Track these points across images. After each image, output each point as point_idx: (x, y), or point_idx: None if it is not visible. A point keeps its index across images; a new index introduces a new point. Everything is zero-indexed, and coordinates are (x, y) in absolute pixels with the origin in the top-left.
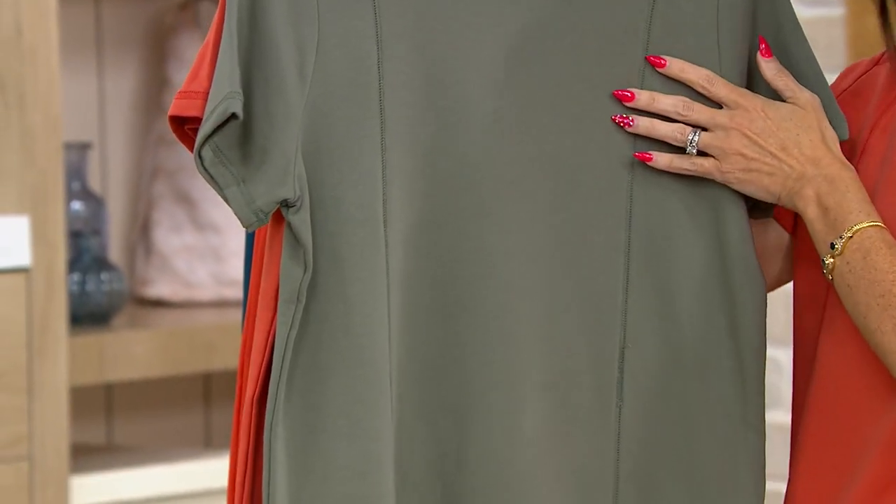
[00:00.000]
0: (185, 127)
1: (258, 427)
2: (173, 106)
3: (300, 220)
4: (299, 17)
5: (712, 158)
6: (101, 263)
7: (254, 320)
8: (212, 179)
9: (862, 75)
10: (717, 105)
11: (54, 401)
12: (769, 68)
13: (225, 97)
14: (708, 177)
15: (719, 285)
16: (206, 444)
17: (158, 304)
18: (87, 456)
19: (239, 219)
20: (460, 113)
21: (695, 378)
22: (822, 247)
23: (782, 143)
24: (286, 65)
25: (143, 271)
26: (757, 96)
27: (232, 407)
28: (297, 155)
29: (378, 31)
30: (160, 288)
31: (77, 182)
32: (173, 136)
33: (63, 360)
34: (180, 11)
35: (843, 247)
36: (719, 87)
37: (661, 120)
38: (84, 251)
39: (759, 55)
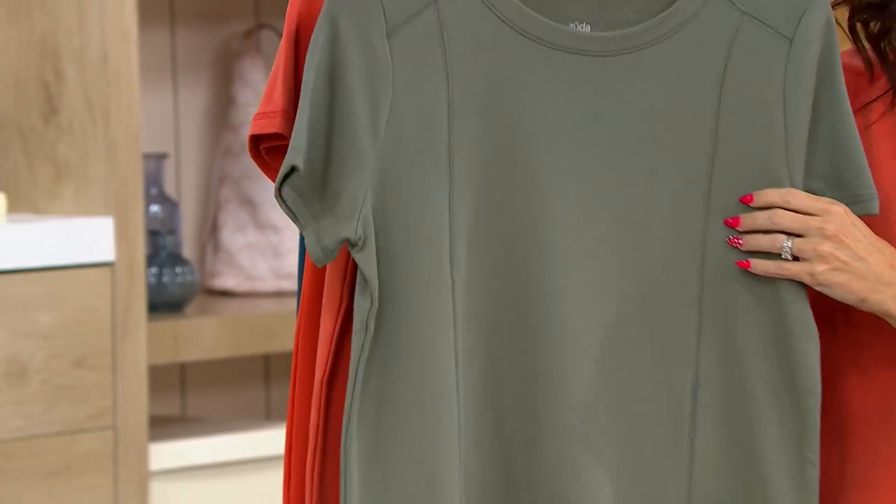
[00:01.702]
0: (259, 146)
1: (328, 405)
2: (252, 126)
3: (363, 258)
4: (375, 75)
5: (803, 262)
6: (176, 259)
7: (307, 310)
8: (292, 215)
9: None
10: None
11: (135, 378)
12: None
13: (291, 150)
14: (798, 279)
15: (780, 334)
16: (266, 417)
17: (225, 294)
18: (163, 426)
19: (309, 254)
20: (529, 169)
21: (759, 414)
22: None
23: (868, 248)
24: (360, 118)
25: (211, 266)
26: (837, 202)
27: (288, 384)
28: (366, 200)
29: (449, 93)
30: (226, 280)
31: (155, 188)
32: (239, 147)
33: (142, 342)
34: (244, 39)
35: None
36: (801, 199)
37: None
38: (161, 248)
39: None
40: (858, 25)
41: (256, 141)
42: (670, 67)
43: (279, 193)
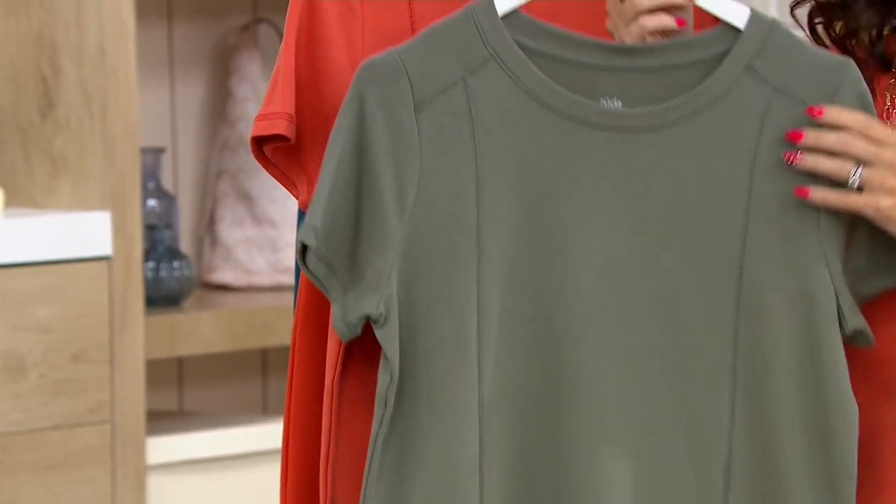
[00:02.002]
0: (262, 146)
1: (339, 405)
2: (254, 128)
3: (384, 334)
4: (402, 151)
5: (867, 195)
6: (173, 253)
7: (305, 304)
8: (322, 286)
9: None
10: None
11: (132, 372)
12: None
13: (304, 226)
14: (858, 211)
15: (815, 413)
16: (263, 411)
17: (222, 288)
18: (160, 420)
19: (333, 328)
20: (558, 245)
21: (793, 494)
22: None
23: None
24: (386, 195)
25: (209, 260)
26: None
27: (285, 378)
28: (391, 277)
29: (477, 169)
30: (224, 274)
31: (152, 182)
32: (236, 141)
33: (140, 336)
34: (242, 33)
35: None
36: (877, 129)
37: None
38: (158, 242)
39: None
40: (820, 27)
41: (259, 142)
42: (702, 143)
43: (303, 264)
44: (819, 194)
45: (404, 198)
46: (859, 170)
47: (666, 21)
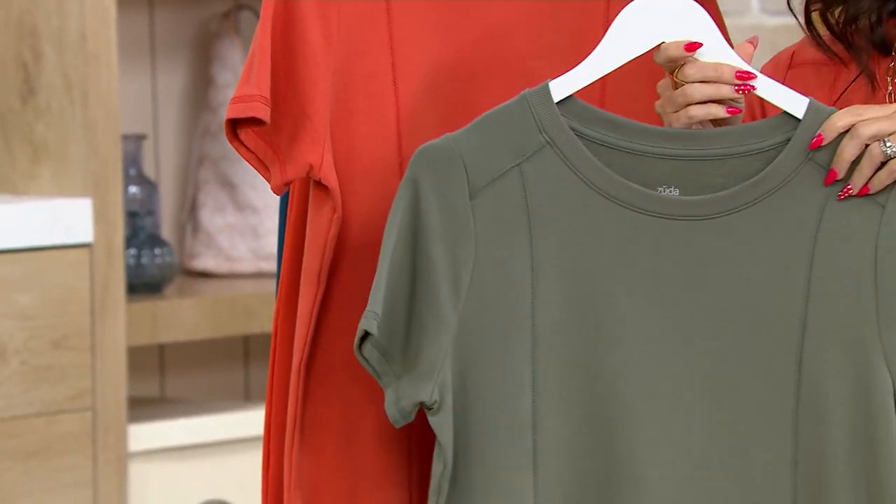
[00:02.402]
0: (237, 129)
1: (305, 390)
2: (229, 110)
3: (438, 421)
4: (457, 238)
5: None
6: (155, 240)
7: (286, 291)
8: (375, 373)
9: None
10: None
11: (114, 359)
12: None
13: (365, 315)
14: None
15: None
16: (245, 398)
17: (204, 275)
18: (142, 407)
19: (388, 416)
20: (614, 333)
21: None
22: None
23: None
24: (441, 282)
25: (190, 247)
26: None
27: (267, 365)
28: (445, 363)
29: (532, 256)
30: (206, 261)
31: (133, 169)
32: (217, 127)
33: (121, 323)
34: (223, 20)
35: None
36: (869, 109)
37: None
38: (139, 229)
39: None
40: (815, 14)
41: (233, 125)
42: (761, 232)
43: (360, 353)
44: (859, 179)
45: (459, 285)
46: (888, 143)
47: (715, 111)
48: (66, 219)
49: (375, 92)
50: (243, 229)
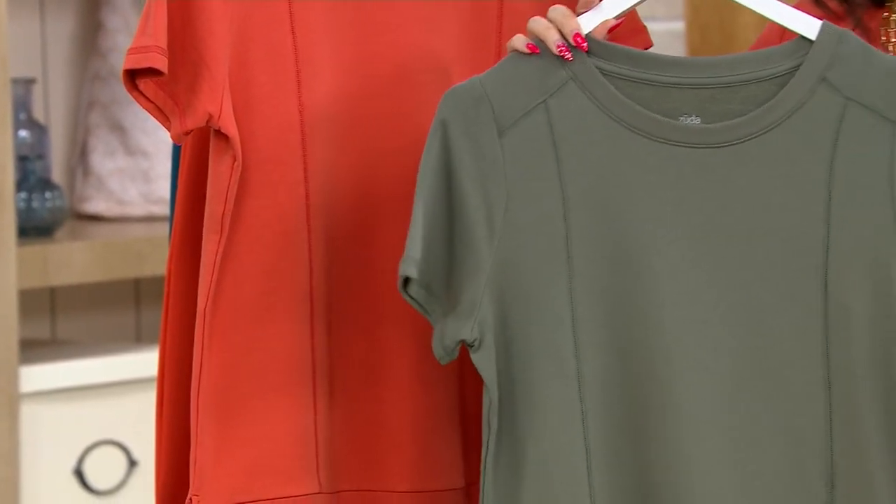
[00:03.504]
0: (135, 79)
1: (210, 333)
2: (126, 61)
3: (479, 358)
4: (487, 178)
5: None
6: (45, 184)
7: (181, 235)
8: (424, 311)
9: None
10: None
11: (5, 302)
12: None
13: (405, 259)
14: None
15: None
16: (136, 340)
17: (95, 218)
18: (33, 349)
19: (434, 353)
20: (645, 260)
21: (889, 500)
22: None
23: None
24: (475, 221)
25: (81, 190)
26: None
27: (159, 307)
28: (484, 300)
29: (563, 190)
30: (96, 205)
31: (23, 113)
32: (107, 72)
33: (12, 267)
34: None
35: None
36: None
37: None
38: (30, 173)
39: None
40: None
41: (132, 75)
42: (779, 156)
43: (406, 292)
44: None
45: (493, 222)
46: None
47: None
48: None
49: (273, 41)
50: (134, 173)
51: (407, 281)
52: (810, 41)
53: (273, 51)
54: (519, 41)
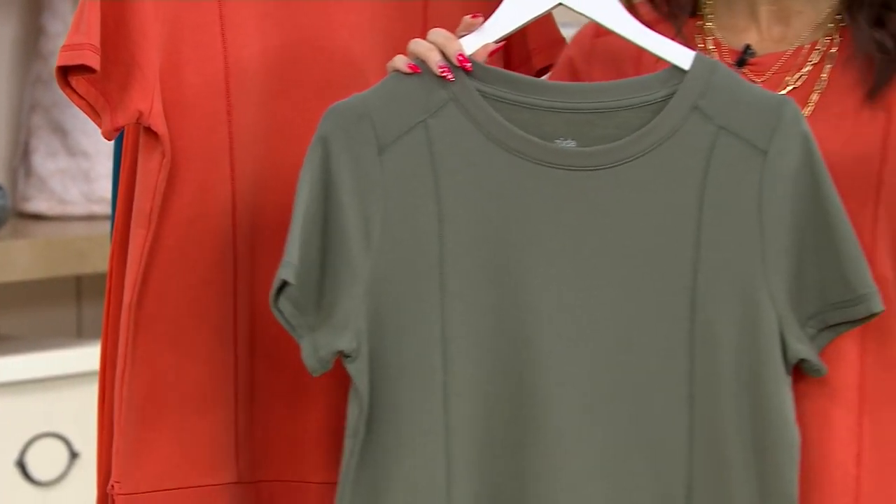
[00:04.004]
0: (68, 77)
1: (136, 325)
2: (60, 57)
3: (355, 369)
4: (367, 192)
5: None
6: None
7: (121, 233)
8: (289, 326)
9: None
10: None
11: None
12: None
13: (283, 265)
14: None
15: (760, 441)
16: (77, 335)
17: (37, 217)
18: None
19: (306, 366)
20: (518, 281)
21: None
22: None
23: None
24: (353, 236)
25: (23, 190)
26: None
27: (100, 303)
28: (359, 312)
29: (439, 208)
30: (38, 204)
31: None
32: (48, 75)
33: None
34: None
35: None
36: None
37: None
38: None
39: None
40: None
41: (64, 72)
42: (652, 180)
43: (275, 306)
44: None
45: (370, 237)
46: None
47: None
48: None
49: (204, 43)
50: (75, 174)
51: (281, 289)
52: (683, 70)
53: (203, 53)
54: (400, 61)
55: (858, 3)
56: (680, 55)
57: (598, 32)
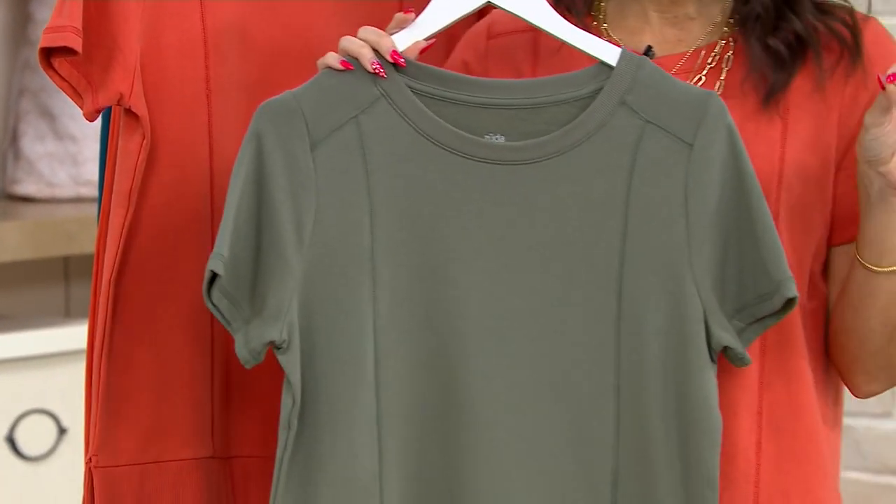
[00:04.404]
0: (51, 58)
1: (115, 302)
2: (43, 39)
3: (287, 360)
4: (299, 187)
5: None
6: None
7: (107, 214)
8: (224, 319)
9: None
10: None
11: None
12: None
13: (212, 256)
14: None
15: (684, 428)
16: (65, 314)
17: (26, 200)
18: None
19: (239, 357)
20: (448, 272)
21: (668, 497)
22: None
23: None
24: (285, 230)
25: (12, 174)
26: None
27: (88, 283)
28: (292, 305)
29: (370, 202)
30: (27, 187)
31: None
32: (37, 61)
33: None
34: None
35: None
36: None
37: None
38: None
39: (885, 79)
40: None
41: (48, 54)
42: (580, 173)
43: (209, 299)
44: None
45: (302, 230)
46: None
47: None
48: None
49: (184, 28)
50: (63, 157)
51: (212, 282)
52: (611, 67)
53: (184, 37)
54: (332, 58)
55: (753, 17)
56: (607, 52)
57: (490, 34)
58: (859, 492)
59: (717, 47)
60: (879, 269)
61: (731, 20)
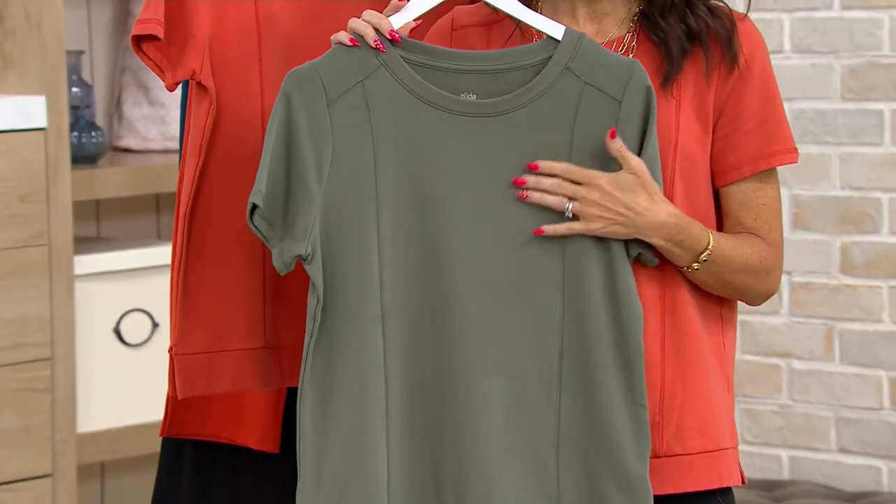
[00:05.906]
0: (141, 43)
1: (189, 229)
2: (134, 29)
3: (311, 269)
4: (319, 136)
5: (582, 222)
6: (91, 126)
7: (184, 163)
8: (263, 237)
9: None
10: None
11: (63, 210)
12: (613, 145)
13: (253, 192)
14: (580, 233)
15: (615, 310)
16: (157, 237)
17: (126, 151)
18: (84, 244)
19: (275, 266)
20: (433, 197)
21: (602, 370)
22: (686, 261)
23: (626, 205)
24: (308, 167)
25: (117, 131)
26: (603, 174)
27: (172, 214)
28: (315, 226)
29: (374, 147)
30: (128, 141)
31: (75, 75)
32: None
33: (67, 185)
34: None
35: (709, 257)
36: (577, 173)
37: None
38: (80, 118)
39: (607, 137)
40: None
41: (138, 40)
42: (534, 124)
43: (252, 222)
44: (551, 228)
45: (322, 170)
46: (571, 204)
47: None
48: (27, 110)
49: (242, 18)
50: (154, 118)
51: (253, 210)
52: (557, 40)
53: (242, 27)
54: (343, 36)
55: (657, 12)
56: (554, 29)
57: (454, 26)
58: (754, 371)
59: (626, 38)
60: (691, 268)
61: (635, 17)
